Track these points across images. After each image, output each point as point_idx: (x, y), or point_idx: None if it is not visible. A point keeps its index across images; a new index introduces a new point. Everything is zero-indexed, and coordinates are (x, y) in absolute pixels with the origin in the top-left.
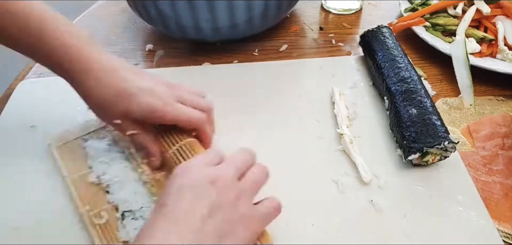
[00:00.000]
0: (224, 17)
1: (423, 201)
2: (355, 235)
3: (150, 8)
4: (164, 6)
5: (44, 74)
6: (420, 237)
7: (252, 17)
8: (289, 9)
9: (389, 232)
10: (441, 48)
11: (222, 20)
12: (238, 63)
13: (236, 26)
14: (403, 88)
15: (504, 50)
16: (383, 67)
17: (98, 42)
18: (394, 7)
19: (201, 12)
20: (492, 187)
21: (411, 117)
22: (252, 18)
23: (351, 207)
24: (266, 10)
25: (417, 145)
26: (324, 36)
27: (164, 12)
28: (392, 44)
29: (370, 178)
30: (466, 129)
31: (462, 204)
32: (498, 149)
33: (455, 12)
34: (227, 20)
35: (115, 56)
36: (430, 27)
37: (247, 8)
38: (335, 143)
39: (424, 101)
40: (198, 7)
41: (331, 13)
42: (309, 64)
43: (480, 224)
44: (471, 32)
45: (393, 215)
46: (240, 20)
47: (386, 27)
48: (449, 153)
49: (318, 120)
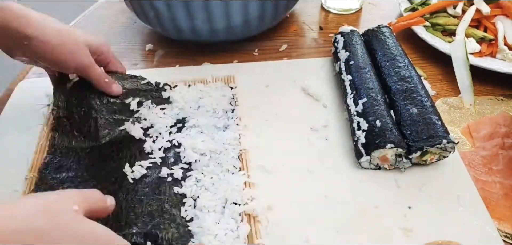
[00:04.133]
0: (220, 18)
1: (423, 201)
2: (355, 235)
3: (147, 9)
4: (160, 7)
5: (44, 74)
6: (420, 236)
7: (248, 19)
8: (287, 11)
9: (389, 231)
10: (441, 48)
11: (218, 21)
12: (238, 63)
13: (233, 28)
14: (403, 87)
15: (504, 50)
16: (384, 67)
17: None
18: (394, 7)
19: (197, 13)
20: (492, 186)
21: (412, 116)
22: (249, 20)
23: (351, 206)
24: (263, 12)
25: (417, 143)
26: (324, 36)
27: (161, 13)
28: (392, 44)
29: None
30: (466, 129)
31: (462, 203)
32: (498, 148)
33: (455, 12)
34: (223, 22)
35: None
36: (430, 27)
37: (243, 10)
38: (336, 142)
39: (424, 100)
40: (194, 8)
41: (331, 13)
42: (309, 64)
43: (480, 224)
44: (471, 32)
45: (393, 214)
46: (236, 22)
47: (386, 26)
48: (448, 152)
49: (318, 120)
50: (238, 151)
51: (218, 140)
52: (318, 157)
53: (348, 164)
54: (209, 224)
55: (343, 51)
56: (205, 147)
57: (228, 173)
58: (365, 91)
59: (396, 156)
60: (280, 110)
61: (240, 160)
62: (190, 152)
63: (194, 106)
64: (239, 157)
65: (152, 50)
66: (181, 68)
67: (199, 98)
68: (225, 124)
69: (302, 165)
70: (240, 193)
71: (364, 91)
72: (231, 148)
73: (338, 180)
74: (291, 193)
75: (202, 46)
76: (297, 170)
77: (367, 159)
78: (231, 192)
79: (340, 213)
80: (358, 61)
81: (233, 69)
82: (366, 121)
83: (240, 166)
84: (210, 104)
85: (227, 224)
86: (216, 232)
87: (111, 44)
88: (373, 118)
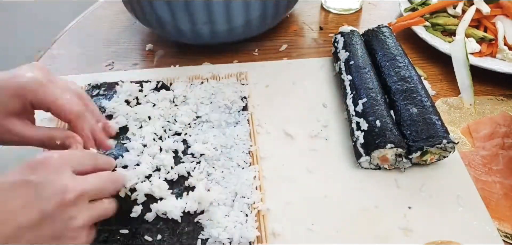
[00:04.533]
0: (221, 20)
1: (423, 201)
2: (355, 235)
3: (148, 12)
4: (161, 10)
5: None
6: (420, 236)
7: (250, 20)
8: (287, 10)
9: (389, 231)
10: (441, 48)
11: (219, 23)
12: (238, 63)
13: (234, 29)
14: (403, 87)
15: (504, 50)
16: (384, 67)
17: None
18: (394, 7)
19: (199, 15)
20: (492, 186)
21: (412, 116)
22: (250, 21)
23: (351, 207)
24: (264, 12)
25: (417, 143)
26: (324, 36)
27: (162, 16)
28: (392, 44)
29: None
30: (466, 129)
31: (462, 203)
32: (498, 148)
33: (455, 12)
34: (224, 24)
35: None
36: (430, 27)
37: (244, 11)
38: (336, 142)
39: (424, 100)
40: (195, 11)
41: (331, 13)
42: (309, 64)
43: (480, 224)
44: (471, 32)
45: (393, 214)
46: (238, 23)
47: (386, 26)
48: (448, 152)
49: (318, 120)
50: (248, 146)
51: (229, 135)
52: (318, 157)
53: (348, 164)
54: (219, 217)
55: (343, 51)
56: (216, 142)
57: (238, 168)
58: (365, 91)
59: (396, 156)
60: (280, 110)
61: (250, 155)
62: (201, 145)
63: (206, 103)
64: (249, 152)
65: (152, 50)
66: (181, 68)
67: (211, 94)
68: (235, 120)
69: (302, 165)
70: (249, 188)
71: (364, 91)
72: (242, 143)
73: (338, 180)
74: (290, 193)
75: (202, 46)
76: (297, 170)
77: (367, 159)
78: (241, 186)
79: (340, 213)
80: (358, 61)
81: (233, 69)
82: (366, 121)
83: (251, 161)
84: (222, 100)
85: (237, 217)
86: (225, 225)
87: (111, 44)
88: (373, 118)
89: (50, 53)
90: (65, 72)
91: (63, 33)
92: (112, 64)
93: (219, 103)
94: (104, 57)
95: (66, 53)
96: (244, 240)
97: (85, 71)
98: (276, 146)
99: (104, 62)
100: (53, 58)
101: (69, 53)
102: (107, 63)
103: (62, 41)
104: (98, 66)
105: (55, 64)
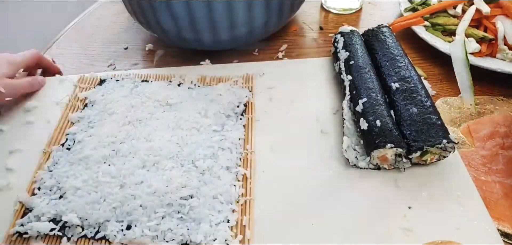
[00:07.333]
0: (224, 30)
1: (423, 201)
2: (355, 235)
3: (151, 19)
4: (164, 19)
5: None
6: (420, 236)
7: (252, 28)
8: (290, 17)
9: (389, 231)
10: (441, 48)
11: (222, 33)
12: (238, 63)
13: (237, 38)
14: (403, 87)
15: (504, 49)
16: (384, 67)
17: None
18: (394, 7)
19: (202, 26)
20: (492, 186)
21: (412, 116)
22: (253, 29)
23: (351, 207)
24: (267, 21)
25: (417, 143)
26: (324, 36)
27: (165, 24)
28: (392, 44)
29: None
30: (466, 129)
31: (462, 203)
32: (498, 148)
33: (455, 12)
34: (227, 33)
35: None
36: (430, 27)
37: (247, 21)
38: (336, 142)
39: (424, 100)
40: (198, 21)
41: (331, 13)
42: (309, 64)
43: (480, 224)
44: (471, 32)
45: (393, 214)
46: (241, 32)
47: (386, 26)
48: (448, 152)
49: (318, 120)
50: (241, 150)
51: (222, 137)
52: (318, 157)
53: (348, 163)
54: (205, 215)
55: (343, 51)
56: (208, 144)
57: (227, 171)
58: (365, 91)
59: (396, 156)
60: (280, 110)
61: (248, 154)
62: (192, 147)
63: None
64: (241, 158)
65: (152, 50)
66: (181, 68)
67: (211, 94)
68: (230, 122)
69: (302, 165)
70: (238, 190)
71: (364, 91)
72: (234, 146)
73: (337, 180)
74: (290, 193)
75: None
76: (296, 170)
77: (367, 159)
78: (229, 187)
79: (340, 213)
80: (358, 61)
81: (234, 69)
82: (366, 121)
83: (247, 159)
84: (221, 100)
85: (224, 217)
86: (212, 221)
87: (111, 44)
88: (373, 118)
89: (50, 53)
90: (65, 72)
91: (63, 33)
92: (113, 64)
93: (219, 103)
94: (104, 57)
95: (66, 53)
96: (236, 241)
97: (85, 71)
98: (274, 145)
99: (104, 62)
100: (53, 58)
101: (69, 53)
102: (109, 64)
103: (62, 41)
104: (98, 66)
105: (55, 64)
